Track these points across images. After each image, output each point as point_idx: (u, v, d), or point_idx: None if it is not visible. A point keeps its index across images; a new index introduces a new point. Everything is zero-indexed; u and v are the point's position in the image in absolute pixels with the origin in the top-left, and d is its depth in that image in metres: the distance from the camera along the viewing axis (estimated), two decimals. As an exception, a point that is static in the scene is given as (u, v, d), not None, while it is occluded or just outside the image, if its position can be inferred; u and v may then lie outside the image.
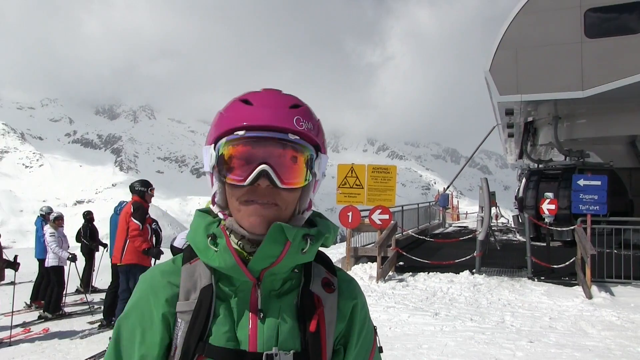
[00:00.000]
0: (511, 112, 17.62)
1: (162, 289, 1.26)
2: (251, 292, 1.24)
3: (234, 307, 1.23)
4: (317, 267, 1.33)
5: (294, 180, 1.20)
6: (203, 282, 1.24)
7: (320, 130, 1.29)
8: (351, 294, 1.37)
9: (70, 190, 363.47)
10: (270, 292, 1.25)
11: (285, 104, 1.23)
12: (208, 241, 1.21)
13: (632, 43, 14.67)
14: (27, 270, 12.61)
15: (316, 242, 1.25)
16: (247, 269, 1.20)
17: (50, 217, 11.04)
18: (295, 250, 1.20)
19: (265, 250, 1.18)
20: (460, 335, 7.62)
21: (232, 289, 1.25)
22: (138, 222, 8.59)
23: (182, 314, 1.22)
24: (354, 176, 13.53)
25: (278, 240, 1.18)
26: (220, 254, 1.20)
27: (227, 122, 1.22)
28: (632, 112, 16.60)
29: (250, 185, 1.18)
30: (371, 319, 1.45)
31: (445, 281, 11.37)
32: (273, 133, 1.18)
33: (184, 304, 1.22)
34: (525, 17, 15.83)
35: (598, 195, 11.81)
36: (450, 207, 34.09)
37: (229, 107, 1.26)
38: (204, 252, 1.22)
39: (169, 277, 1.28)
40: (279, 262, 1.19)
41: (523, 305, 9.50)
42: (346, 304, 1.34)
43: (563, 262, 11.68)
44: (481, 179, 15.49)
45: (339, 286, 1.35)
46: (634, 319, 8.42)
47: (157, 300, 1.25)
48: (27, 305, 11.34)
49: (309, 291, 1.27)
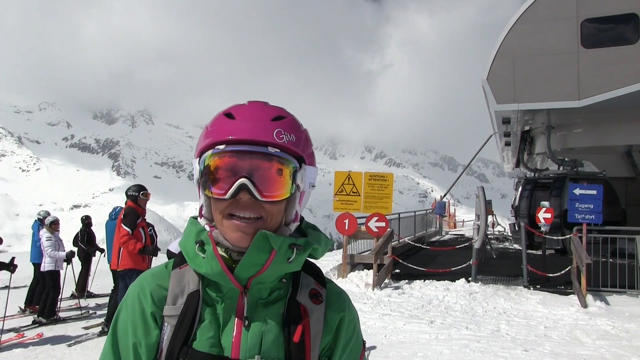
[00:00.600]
0: (508, 121, 17.68)
1: (152, 291, 1.28)
2: (238, 299, 1.26)
3: (220, 313, 1.25)
4: (306, 278, 1.34)
5: (274, 193, 1.21)
6: (191, 287, 1.26)
7: (305, 141, 1.29)
8: (339, 307, 1.37)
9: (67, 194, 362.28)
10: (257, 301, 1.26)
11: (267, 117, 1.24)
12: (196, 248, 1.22)
13: (628, 53, 14.74)
14: (22, 275, 12.55)
15: (303, 252, 1.25)
16: (233, 276, 1.21)
17: (46, 221, 11.01)
18: (281, 259, 1.21)
19: (251, 258, 1.19)
20: (455, 343, 7.62)
21: (219, 296, 1.26)
22: (127, 227, 8.57)
23: (169, 317, 1.24)
24: (351, 183, 13.56)
25: (263, 248, 1.19)
26: (207, 260, 1.21)
27: (210, 136, 1.24)
28: (628, 122, 16.66)
29: (231, 198, 1.19)
30: (361, 334, 1.44)
31: (441, 289, 11.37)
32: (253, 147, 1.20)
33: (171, 308, 1.25)
34: (523, 26, 15.90)
35: (594, 204, 11.83)
36: (447, 215, 34.13)
37: (214, 121, 1.27)
38: (192, 258, 1.24)
39: (158, 280, 1.31)
40: (264, 271, 1.21)
41: (518, 313, 9.51)
42: (333, 316, 1.35)
43: (559, 270, 11.69)
44: (478, 187, 15.52)
45: (328, 298, 1.36)
46: (629, 328, 8.44)
47: (146, 300, 1.27)
48: (22, 309, 11.29)
49: (295, 301, 1.28)
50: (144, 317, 1.26)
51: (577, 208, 11.85)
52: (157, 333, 1.25)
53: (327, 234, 1.40)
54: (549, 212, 13.37)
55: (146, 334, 1.25)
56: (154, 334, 1.25)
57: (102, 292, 12.92)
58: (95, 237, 13.57)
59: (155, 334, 1.25)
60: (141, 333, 1.25)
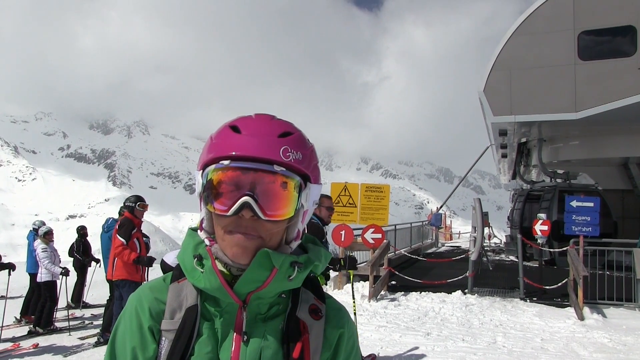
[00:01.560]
0: (505, 133, 17.73)
1: (150, 304, 1.26)
2: (237, 314, 1.23)
3: (219, 328, 1.22)
4: (305, 293, 1.31)
5: (278, 212, 1.17)
6: (189, 301, 1.23)
7: (311, 159, 1.26)
8: (339, 323, 1.35)
9: (62, 204, 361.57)
10: (256, 316, 1.24)
11: (274, 132, 1.20)
12: (194, 262, 1.20)
13: (625, 66, 14.82)
14: (18, 285, 12.49)
15: (304, 269, 1.23)
16: (232, 291, 1.18)
17: (40, 232, 10.94)
18: (281, 277, 1.19)
19: (251, 274, 1.17)
20: (451, 355, 7.59)
21: (218, 310, 1.24)
22: (122, 238, 8.56)
23: (167, 332, 1.22)
24: (347, 195, 13.55)
25: (264, 265, 1.16)
26: (205, 275, 1.19)
27: (214, 150, 1.20)
28: (624, 135, 16.73)
29: (234, 215, 1.16)
30: (359, 350, 1.43)
31: (437, 301, 11.34)
32: (258, 164, 1.16)
33: (168, 323, 1.23)
34: (520, 38, 15.99)
35: (590, 216, 11.85)
36: (443, 227, 34.10)
37: (219, 133, 1.23)
38: (190, 272, 1.22)
39: (156, 293, 1.28)
40: (264, 288, 1.18)
41: (515, 326, 9.48)
42: (333, 332, 1.32)
43: (555, 283, 11.69)
44: (474, 199, 15.55)
45: (327, 314, 1.33)
46: (626, 341, 8.41)
47: (144, 313, 1.25)
48: (17, 320, 11.23)
49: (295, 317, 1.25)
50: (141, 331, 1.24)
51: (573, 220, 11.86)
52: (154, 347, 1.23)
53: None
54: (546, 224, 13.39)
55: (144, 348, 1.23)
56: (151, 348, 1.23)
57: (98, 302, 12.84)
58: (90, 248, 13.53)
59: (152, 349, 1.23)
60: (139, 347, 1.23)
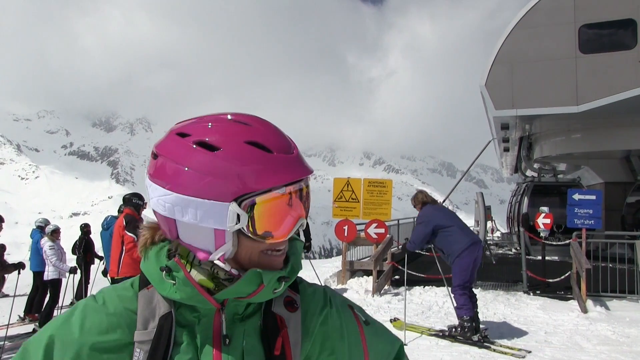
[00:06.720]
0: (507, 127, 17.71)
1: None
2: (214, 317, 1.17)
3: (197, 333, 1.15)
4: None
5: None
6: (162, 309, 1.15)
7: None
8: (317, 306, 1.29)
9: (66, 202, 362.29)
10: (233, 316, 1.18)
11: (289, 139, 1.16)
12: (163, 274, 1.13)
13: (625, 59, 14.77)
14: (22, 283, 12.50)
15: (289, 281, 1.19)
16: (211, 297, 1.12)
17: (47, 230, 10.98)
18: (267, 291, 1.14)
19: (237, 288, 1.11)
20: (455, 349, 7.60)
21: (195, 315, 1.17)
22: (132, 234, 8.56)
23: (141, 343, 1.12)
24: (349, 190, 13.55)
25: (253, 281, 1.11)
26: (179, 286, 1.12)
27: (264, 179, 1.07)
28: (626, 127, 16.68)
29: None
30: (367, 315, 1.42)
31: (440, 295, 11.33)
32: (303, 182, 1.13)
33: (142, 334, 1.13)
34: (521, 32, 15.95)
35: (593, 209, 11.83)
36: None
37: (248, 157, 1.07)
38: (159, 284, 1.15)
39: (125, 303, 1.18)
40: (247, 299, 1.14)
41: (519, 319, 9.49)
42: (313, 320, 1.26)
43: (558, 276, 11.69)
44: (477, 193, 15.59)
45: (303, 302, 1.28)
46: (629, 333, 8.42)
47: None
48: (21, 318, 11.28)
49: (271, 312, 1.20)
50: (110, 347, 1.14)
51: (576, 213, 11.85)
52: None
53: (327, 241, 1.36)
54: (549, 218, 13.38)
55: None
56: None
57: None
58: (94, 245, 13.54)
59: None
60: None
